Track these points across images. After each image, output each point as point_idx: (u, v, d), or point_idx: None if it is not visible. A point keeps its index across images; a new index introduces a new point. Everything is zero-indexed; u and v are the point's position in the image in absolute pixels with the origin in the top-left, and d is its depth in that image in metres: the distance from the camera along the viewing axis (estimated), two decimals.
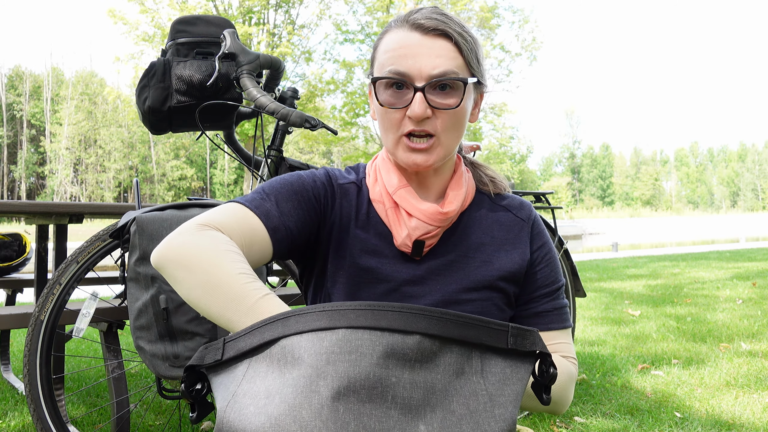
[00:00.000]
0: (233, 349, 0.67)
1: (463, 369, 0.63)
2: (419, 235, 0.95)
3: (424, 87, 0.89)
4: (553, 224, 2.46)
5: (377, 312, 0.62)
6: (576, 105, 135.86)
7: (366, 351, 0.60)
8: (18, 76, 53.30)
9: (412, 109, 0.89)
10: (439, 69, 0.89)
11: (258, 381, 0.63)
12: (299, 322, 0.63)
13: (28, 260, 2.86)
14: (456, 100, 0.91)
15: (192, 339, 1.53)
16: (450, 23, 0.91)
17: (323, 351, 0.60)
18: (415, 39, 0.90)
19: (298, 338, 0.63)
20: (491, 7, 19.81)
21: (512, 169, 35.52)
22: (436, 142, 0.92)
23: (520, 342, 0.64)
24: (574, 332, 2.49)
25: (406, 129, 0.92)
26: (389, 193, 0.98)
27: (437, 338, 0.62)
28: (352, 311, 0.62)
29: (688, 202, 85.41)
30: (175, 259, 0.79)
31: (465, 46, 0.92)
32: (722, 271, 7.05)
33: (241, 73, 1.77)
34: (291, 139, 33.63)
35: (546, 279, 1.02)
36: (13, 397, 2.53)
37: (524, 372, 0.65)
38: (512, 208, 1.06)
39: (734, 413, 2.18)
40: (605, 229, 33.59)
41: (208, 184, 54.22)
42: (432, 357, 0.62)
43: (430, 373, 0.61)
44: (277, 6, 18.82)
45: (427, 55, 0.89)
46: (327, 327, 0.62)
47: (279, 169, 1.89)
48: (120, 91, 24.46)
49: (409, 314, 0.62)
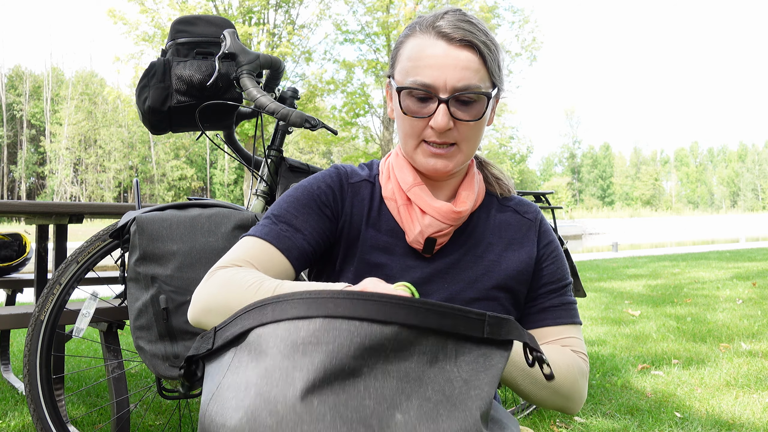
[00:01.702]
0: (221, 338, 0.67)
1: (437, 357, 0.62)
2: (432, 232, 0.96)
3: (448, 99, 0.90)
4: (553, 224, 2.46)
5: (355, 301, 0.60)
6: (576, 105, 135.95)
7: (343, 342, 0.59)
8: (18, 76, 53.30)
9: (435, 121, 0.90)
10: (464, 82, 0.90)
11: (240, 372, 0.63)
12: (276, 310, 0.62)
13: (28, 260, 2.86)
14: (478, 113, 0.92)
15: (192, 339, 1.53)
16: (476, 33, 0.91)
17: (299, 341, 0.59)
18: (440, 49, 0.90)
19: (274, 327, 0.62)
20: (491, 7, 19.79)
21: (512, 169, 35.56)
22: (456, 149, 0.94)
23: (495, 331, 0.64)
24: (580, 327, 2.49)
25: (427, 137, 0.93)
26: (402, 189, 0.99)
27: (415, 328, 0.61)
28: (330, 300, 0.61)
29: (688, 202, 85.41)
30: (202, 310, 0.84)
31: (489, 56, 0.92)
32: (722, 271, 7.05)
33: (241, 73, 1.77)
34: (291, 139, 33.63)
35: (553, 275, 1.03)
36: (13, 397, 2.53)
37: (499, 358, 0.64)
38: (519, 209, 1.07)
39: (734, 413, 2.18)
40: (605, 229, 33.60)
41: (208, 184, 54.22)
42: (407, 346, 0.61)
43: (404, 361, 0.60)
44: (277, 6, 18.81)
45: (453, 67, 0.89)
46: (303, 316, 0.61)
47: (279, 169, 1.89)
48: (120, 91, 24.44)
49: (388, 304, 0.61)
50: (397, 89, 0.93)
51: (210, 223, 1.58)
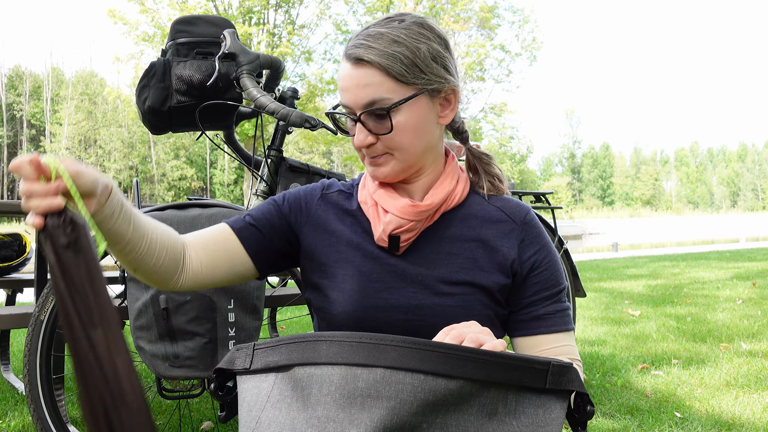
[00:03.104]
0: (261, 361, 0.63)
1: (496, 410, 0.58)
2: (392, 228, 0.98)
3: (359, 117, 0.96)
4: (553, 224, 2.47)
5: (422, 352, 0.56)
6: (576, 105, 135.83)
7: (406, 398, 0.54)
8: (18, 76, 53.31)
9: (353, 138, 0.98)
10: (368, 98, 0.94)
11: (283, 409, 0.58)
12: (331, 350, 0.57)
13: (28, 260, 2.86)
14: (394, 123, 0.95)
15: (192, 339, 1.53)
16: (376, 46, 0.93)
17: (357, 393, 0.55)
18: (346, 71, 0.96)
19: (329, 370, 0.56)
20: (491, 7, 19.80)
21: (512, 169, 35.55)
22: (389, 157, 0.98)
23: (557, 380, 0.61)
24: (574, 332, 2.49)
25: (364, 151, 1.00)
26: (370, 193, 1.04)
27: (479, 382, 0.57)
28: (393, 348, 0.56)
29: (688, 202, 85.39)
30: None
31: (393, 66, 0.92)
32: (722, 271, 7.05)
33: (241, 73, 1.77)
34: (291, 139, 33.63)
35: (546, 282, 1.02)
36: (13, 397, 2.53)
37: (558, 412, 0.61)
38: (505, 209, 1.06)
39: (734, 413, 2.18)
40: (605, 229, 33.57)
41: (208, 184, 54.23)
42: (468, 399, 0.57)
43: (463, 414, 0.57)
44: (277, 6, 18.80)
45: (356, 86, 0.94)
46: (363, 363, 0.56)
47: (279, 169, 1.89)
48: (120, 91, 24.42)
49: (456, 357, 0.56)
50: (326, 113, 1.03)
51: (210, 223, 1.58)
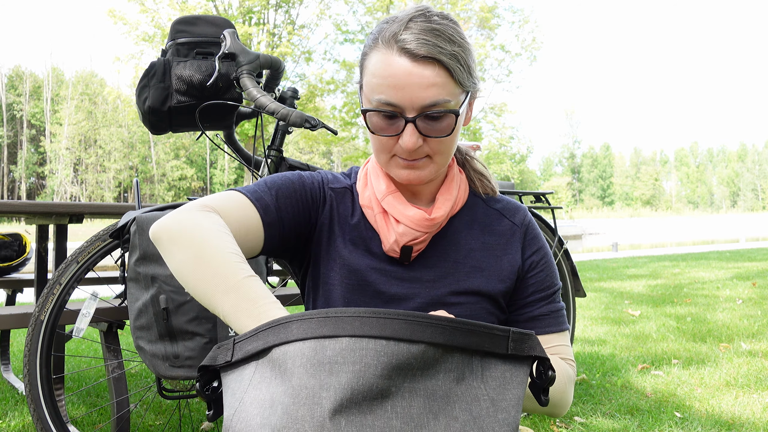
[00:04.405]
0: (241, 350, 0.66)
1: (463, 374, 0.62)
2: (407, 241, 0.95)
3: (416, 119, 0.87)
4: (553, 224, 2.46)
5: (382, 320, 0.60)
6: (576, 105, 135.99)
7: (370, 362, 0.58)
8: (18, 76, 53.29)
9: (403, 141, 0.88)
10: (431, 99, 0.86)
11: (263, 387, 0.62)
12: (301, 328, 0.62)
13: (28, 260, 2.86)
14: (448, 126, 0.89)
15: (192, 339, 1.53)
16: (441, 44, 0.86)
17: (326, 360, 0.59)
18: (404, 67, 0.85)
19: (300, 345, 0.61)
20: (491, 7, 19.79)
21: (512, 169, 35.51)
22: (429, 161, 0.92)
23: (519, 346, 0.64)
24: (573, 332, 2.49)
25: (398, 152, 0.91)
26: (378, 199, 0.98)
27: (441, 346, 0.61)
28: (357, 318, 0.60)
29: (688, 202, 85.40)
30: (171, 234, 0.82)
31: (456, 67, 0.87)
32: (722, 271, 7.05)
33: (241, 73, 1.77)
34: (291, 139, 33.62)
35: (542, 283, 1.02)
36: (13, 397, 2.53)
37: (523, 375, 0.64)
38: (506, 212, 1.05)
39: (734, 413, 2.18)
40: (605, 229, 33.58)
41: (208, 184, 54.21)
42: (433, 364, 0.61)
43: (431, 380, 0.60)
44: (277, 6, 18.80)
45: (418, 86, 0.85)
46: (330, 335, 0.60)
47: (279, 169, 1.89)
48: (120, 91, 24.47)
49: (415, 323, 0.60)
50: (362, 111, 0.90)
51: None
